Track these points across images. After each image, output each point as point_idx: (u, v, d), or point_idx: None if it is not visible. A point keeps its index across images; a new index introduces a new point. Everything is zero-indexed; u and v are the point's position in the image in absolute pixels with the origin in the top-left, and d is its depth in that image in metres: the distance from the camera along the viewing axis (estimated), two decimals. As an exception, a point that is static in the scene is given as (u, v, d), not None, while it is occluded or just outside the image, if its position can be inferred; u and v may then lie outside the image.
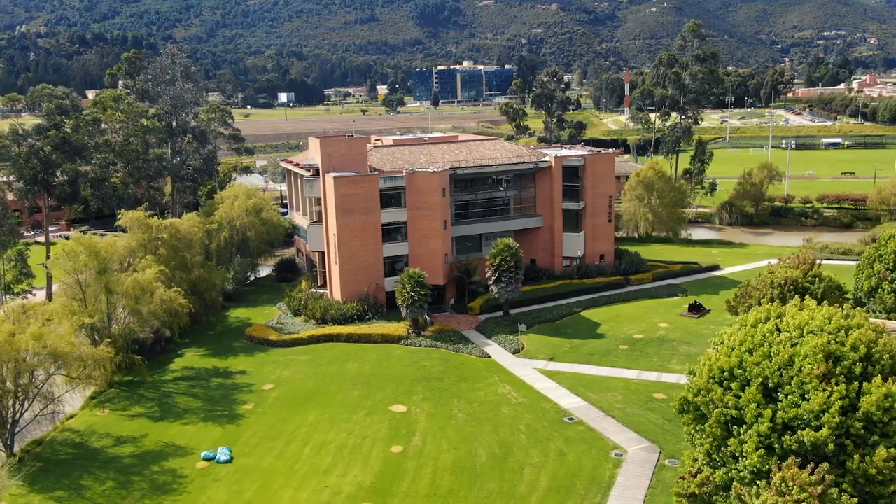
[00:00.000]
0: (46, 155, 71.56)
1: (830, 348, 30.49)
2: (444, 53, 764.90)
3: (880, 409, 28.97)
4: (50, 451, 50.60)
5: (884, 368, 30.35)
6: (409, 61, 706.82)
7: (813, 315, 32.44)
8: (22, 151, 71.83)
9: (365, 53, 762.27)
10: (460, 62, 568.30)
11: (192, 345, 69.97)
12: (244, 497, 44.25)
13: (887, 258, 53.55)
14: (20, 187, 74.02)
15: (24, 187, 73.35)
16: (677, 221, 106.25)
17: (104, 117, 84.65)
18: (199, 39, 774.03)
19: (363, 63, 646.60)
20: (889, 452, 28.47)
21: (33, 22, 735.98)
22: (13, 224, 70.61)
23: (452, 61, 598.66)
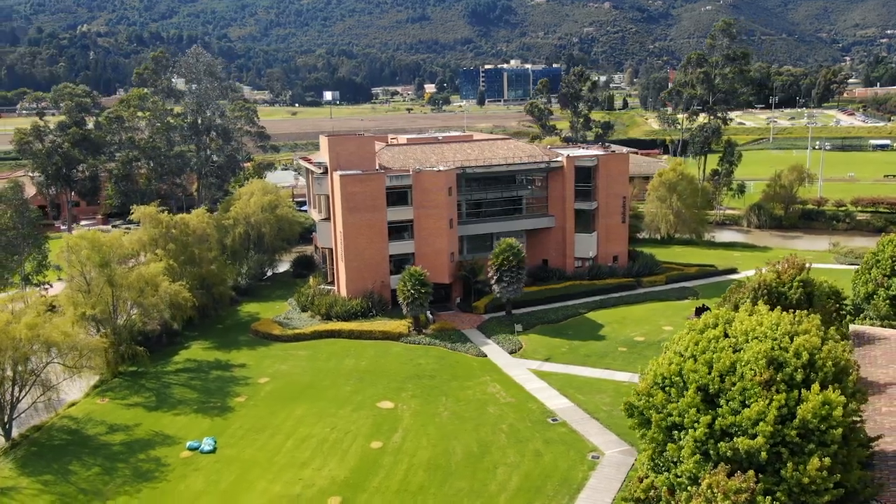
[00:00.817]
0: (66, 151, 74.03)
1: (773, 354, 29.96)
2: (494, 52, 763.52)
3: (816, 418, 28.38)
4: (46, 436, 52.49)
5: (826, 376, 29.69)
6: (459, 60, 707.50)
7: (761, 321, 31.92)
8: (44, 147, 74.39)
9: (415, 52, 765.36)
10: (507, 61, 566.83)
11: (199, 337, 71.63)
12: (220, 486, 45.30)
13: (884, 263, 52.03)
14: (41, 181, 76.77)
15: (45, 181, 76.00)
16: (700, 223, 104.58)
17: (127, 115, 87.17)
18: (254, 38, 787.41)
19: (412, 62, 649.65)
20: (823, 462, 27.88)
21: (95, 22, 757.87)
22: (33, 218, 73.24)
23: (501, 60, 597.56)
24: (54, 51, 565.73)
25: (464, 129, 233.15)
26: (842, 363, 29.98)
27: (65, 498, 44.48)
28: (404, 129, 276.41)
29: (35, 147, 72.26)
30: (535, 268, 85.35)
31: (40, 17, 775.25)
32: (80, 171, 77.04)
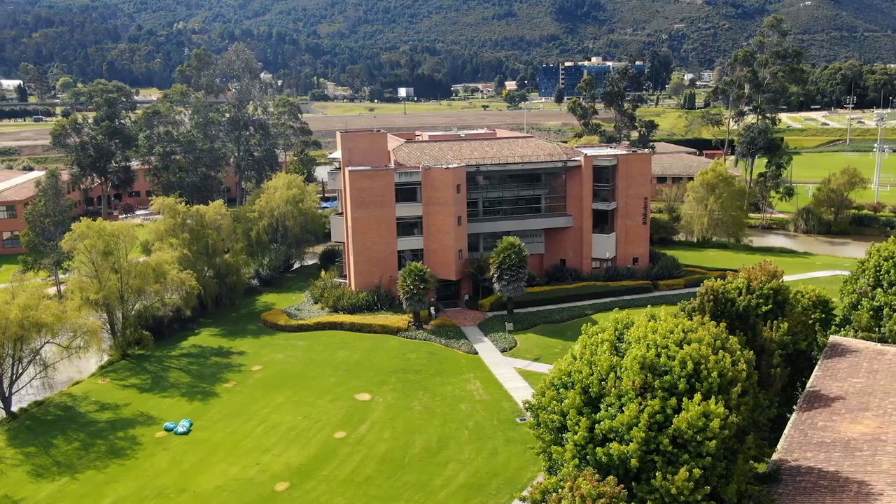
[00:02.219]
0: (99, 143, 78.21)
1: (654, 361, 29.45)
2: (580, 49, 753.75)
3: (692, 428, 27.76)
4: (43, 411, 55.91)
5: (711, 387, 28.95)
6: (544, 57, 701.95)
7: (655, 327, 31.36)
8: (80, 140, 78.81)
9: (500, 49, 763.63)
10: (589, 58, 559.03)
11: (212, 325, 74.46)
12: (182, 466, 47.38)
13: (869, 273, 49.57)
14: (75, 172, 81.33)
15: (79, 172, 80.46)
16: (738, 226, 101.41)
17: (164, 109, 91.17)
18: (342, 35, 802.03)
19: (494, 59, 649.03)
20: (693, 473, 27.28)
21: (193, 19, 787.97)
22: (67, 207, 77.59)
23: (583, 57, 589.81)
24: (152, 47, 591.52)
25: (523, 126, 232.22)
26: (728, 375, 29.17)
27: (39, 469, 47.46)
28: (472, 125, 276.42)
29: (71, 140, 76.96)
30: (551, 267, 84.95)
31: (142, 14, 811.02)
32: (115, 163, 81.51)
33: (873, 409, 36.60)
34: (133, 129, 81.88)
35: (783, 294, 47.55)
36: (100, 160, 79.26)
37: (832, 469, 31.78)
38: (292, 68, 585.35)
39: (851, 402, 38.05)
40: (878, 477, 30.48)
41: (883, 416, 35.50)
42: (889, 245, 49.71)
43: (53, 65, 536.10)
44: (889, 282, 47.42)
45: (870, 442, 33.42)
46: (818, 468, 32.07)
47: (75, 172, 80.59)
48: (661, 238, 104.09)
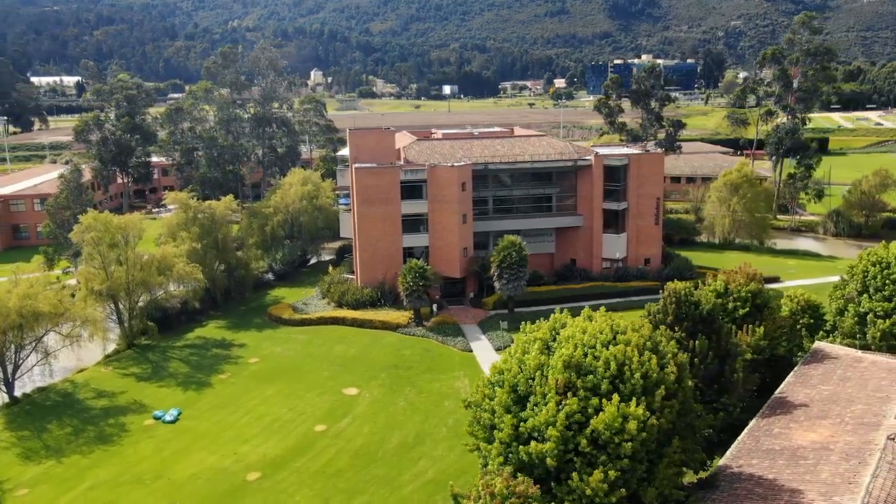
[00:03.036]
0: (118, 139, 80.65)
1: (578, 361, 29.38)
2: (633, 47, 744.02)
3: (609, 429, 27.63)
4: (43, 397, 58.00)
5: (634, 388, 28.74)
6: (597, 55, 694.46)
7: (585, 327, 31.26)
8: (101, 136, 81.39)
9: (552, 46, 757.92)
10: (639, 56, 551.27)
11: (220, 317, 76.15)
12: (163, 454, 48.73)
13: (857, 278, 48.21)
14: (96, 167, 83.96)
15: (100, 166, 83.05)
16: (761, 228, 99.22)
17: (187, 106, 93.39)
18: (394, 33, 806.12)
19: (544, 56, 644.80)
20: (607, 474, 27.15)
21: (248, 17, 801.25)
22: (88, 200, 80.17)
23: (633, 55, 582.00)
24: (207, 45, 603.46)
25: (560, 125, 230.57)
26: (653, 377, 28.91)
27: (28, 452, 49.36)
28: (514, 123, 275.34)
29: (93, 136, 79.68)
30: (561, 267, 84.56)
31: (200, 13, 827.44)
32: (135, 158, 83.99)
33: (832, 417, 35.83)
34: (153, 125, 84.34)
35: (762, 297, 46.79)
36: (120, 155, 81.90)
37: (771, 477, 31.28)
38: (343, 66, 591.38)
39: (813, 409, 37.30)
40: (813, 486, 29.89)
41: (839, 425, 34.74)
42: (879, 250, 48.42)
43: (112, 62, 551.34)
44: (875, 287, 46.21)
45: (817, 450, 32.76)
46: (758, 475, 31.61)
47: (96, 167, 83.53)
48: (683, 239, 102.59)
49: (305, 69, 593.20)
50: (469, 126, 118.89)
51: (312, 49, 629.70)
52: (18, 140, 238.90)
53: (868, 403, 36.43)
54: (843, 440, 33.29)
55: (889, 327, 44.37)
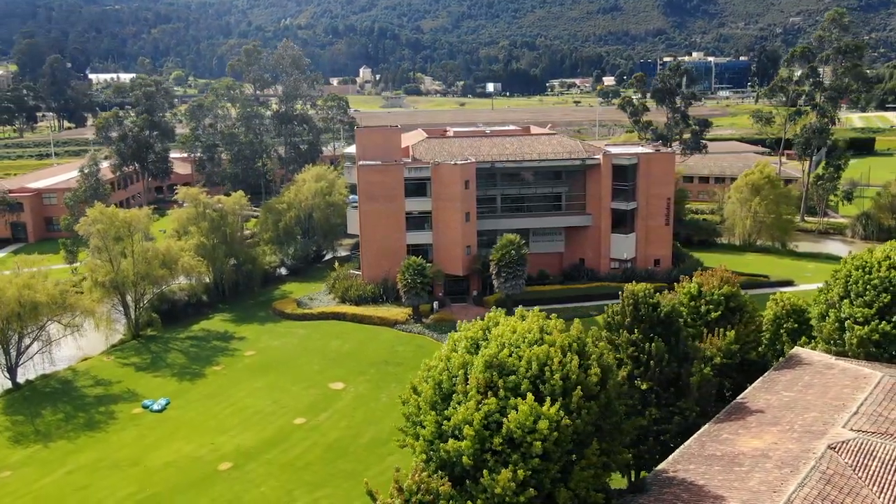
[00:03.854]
0: (136, 135, 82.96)
1: (501, 360, 29.43)
2: (687, 44, 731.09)
3: (521, 429, 27.63)
4: (44, 384, 60.09)
5: (553, 389, 28.64)
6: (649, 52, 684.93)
7: (516, 326, 31.27)
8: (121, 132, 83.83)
9: (603, 44, 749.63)
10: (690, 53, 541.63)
11: (227, 310, 77.70)
12: (144, 442, 50.16)
13: (840, 282, 46.85)
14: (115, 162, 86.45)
15: (119, 161, 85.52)
16: (783, 230, 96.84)
17: (208, 103, 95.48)
18: (445, 30, 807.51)
19: (594, 54, 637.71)
20: (516, 474, 27.17)
21: (301, 15, 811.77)
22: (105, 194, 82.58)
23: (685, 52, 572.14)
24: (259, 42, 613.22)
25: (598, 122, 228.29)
26: (573, 378, 28.77)
27: (19, 436, 51.33)
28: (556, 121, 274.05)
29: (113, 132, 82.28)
30: (569, 266, 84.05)
31: (255, 11, 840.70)
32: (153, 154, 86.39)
33: (783, 424, 35.13)
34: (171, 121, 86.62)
35: (737, 301, 46.09)
36: (139, 151, 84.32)
37: (702, 483, 30.89)
38: (392, 63, 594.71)
39: (767, 415, 36.62)
40: (738, 493, 29.43)
41: (787, 432, 34.06)
42: (864, 254, 47.10)
43: (168, 59, 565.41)
44: (857, 293, 44.90)
45: (756, 457, 32.19)
46: (690, 481, 31.25)
47: (116, 162, 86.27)
48: (702, 240, 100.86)
49: (355, 66, 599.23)
50: (510, 123, 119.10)
51: (362, 47, 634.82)
52: (70, 135, 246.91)
53: (822, 411, 35.56)
54: (784, 448, 32.59)
55: (868, 333, 43.05)
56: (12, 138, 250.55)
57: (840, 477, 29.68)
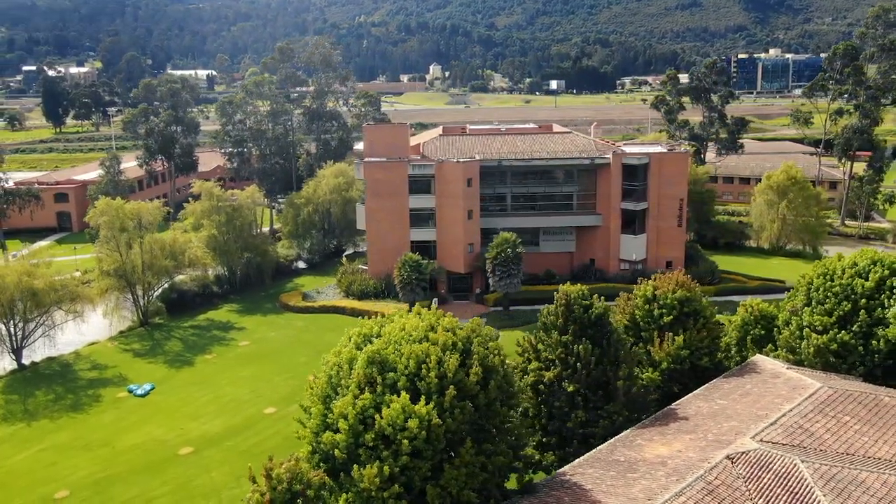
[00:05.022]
0: (161, 130, 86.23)
1: (383, 357, 29.85)
2: (769, 40, 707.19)
3: (392, 426, 27.98)
4: (47, 366, 63.24)
5: (429, 387, 28.86)
6: (729, 49, 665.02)
7: (404, 325, 31.60)
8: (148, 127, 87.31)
9: (681, 41, 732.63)
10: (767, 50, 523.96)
11: (236, 301, 80.00)
12: (120, 424, 52.37)
13: (803, 290, 45.12)
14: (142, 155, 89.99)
15: (145, 155, 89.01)
16: (814, 234, 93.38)
17: (238, 99, 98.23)
18: (519, 27, 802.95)
19: (669, 51, 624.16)
20: (382, 470, 27.55)
21: (377, 12, 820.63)
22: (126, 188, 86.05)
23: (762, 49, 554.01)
24: (333, 39, 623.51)
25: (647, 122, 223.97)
26: (449, 377, 28.92)
27: (8, 414, 54.31)
28: (615, 119, 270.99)
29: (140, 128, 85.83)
30: (579, 266, 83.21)
31: (332, 8, 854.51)
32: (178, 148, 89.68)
33: (700, 432, 34.51)
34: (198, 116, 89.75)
35: (692, 306, 45.15)
36: (165, 145, 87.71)
37: (589, 487, 30.70)
38: (463, 60, 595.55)
39: (690, 423, 36.01)
40: (615, 499, 29.20)
41: (697, 441, 33.48)
42: (833, 260, 45.47)
43: (245, 56, 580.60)
44: (818, 300, 43.42)
45: (654, 465, 31.75)
46: (580, 485, 31.08)
47: (143, 156, 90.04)
48: (728, 243, 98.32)
49: (426, 64, 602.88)
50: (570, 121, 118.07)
51: (434, 44, 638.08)
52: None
53: (743, 421, 34.63)
54: (685, 456, 31.95)
55: (826, 343, 41.64)
56: (88, 132, 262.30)
57: (725, 488, 28.95)
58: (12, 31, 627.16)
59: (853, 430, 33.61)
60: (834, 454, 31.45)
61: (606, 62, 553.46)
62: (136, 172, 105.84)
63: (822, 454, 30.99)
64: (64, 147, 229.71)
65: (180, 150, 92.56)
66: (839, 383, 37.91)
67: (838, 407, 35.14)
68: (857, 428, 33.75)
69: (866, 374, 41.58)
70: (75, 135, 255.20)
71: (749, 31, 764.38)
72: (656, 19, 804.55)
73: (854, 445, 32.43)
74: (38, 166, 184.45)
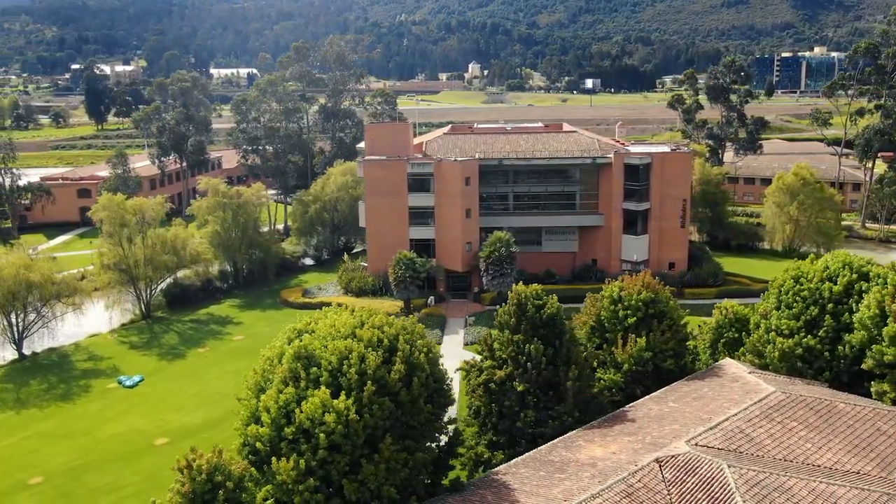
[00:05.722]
0: (172, 128, 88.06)
1: (309, 352, 30.32)
2: (818, 38, 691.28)
3: (310, 420, 28.40)
4: (45, 356, 65.09)
5: (350, 383, 29.20)
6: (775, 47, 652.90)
7: (335, 320, 32.00)
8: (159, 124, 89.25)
9: (726, 39, 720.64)
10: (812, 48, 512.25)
11: (238, 296, 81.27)
12: (104, 415, 53.73)
13: (774, 292, 44.27)
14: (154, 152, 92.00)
15: (158, 152, 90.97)
16: (827, 237, 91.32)
17: (252, 98, 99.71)
18: (561, 25, 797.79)
19: (712, 49, 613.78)
20: (298, 463, 27.98)
21: (419, 11, 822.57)
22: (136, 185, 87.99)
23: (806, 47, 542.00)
24: (373, 38, 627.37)
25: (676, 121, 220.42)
26: (369, 373, 29.23)
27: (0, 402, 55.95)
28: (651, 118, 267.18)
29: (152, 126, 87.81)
30: (582, 266, 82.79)
31: (375, 7, 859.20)
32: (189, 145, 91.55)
33: (641, 434, 34.39)
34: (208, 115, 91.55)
35: (658, 308, 44.75)
36: (177, 143, 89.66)
37: (515, 486, 30.84)
38: (503, 59, 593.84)
39: (636, 425, 35.87)
40: (535, 499, 29.16)
41: (636, 443, 33.41)
42: (805, 263, 44.63)
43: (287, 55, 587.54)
44: (787, 303, 42.68)
45: (585, 466, 31.72)
46: (507, 484, 31.24)
47: (155, 152, 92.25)
48: (741, 245, 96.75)
49: (465, 62, 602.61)
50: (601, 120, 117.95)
51: (473, 42, 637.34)
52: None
53: (686, 424, 34.31)
54: (616, 458, 31.81)
55: (791, 347, 40.94)
56: (128, 129, 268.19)
57: (646, 491, 28.74)
58: (63, 30, 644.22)
59: (798, 436, 33.08)
60: (770, 460, 31.02)
61: (647, 61, 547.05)
62: (151, 170, 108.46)
63: (756, 460, 30.56)
64: (103, 144, 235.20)
65: (192, 148, 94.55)
66: (796, 389, 37.24)
67: (787, 413, 34.56)
68: (802, 434, 33.20)
69: (833, 380, 40.82)
70: (115, 132, 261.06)
71: (797, 29, 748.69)
72: (701, 17, 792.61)
73: (795, 452, 31.94)
74: (74, 162, 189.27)
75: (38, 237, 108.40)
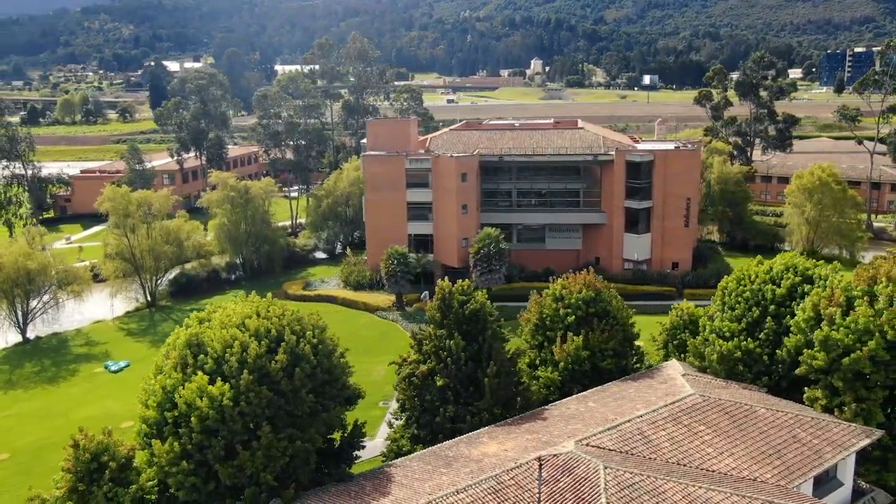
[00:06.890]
0: (188, 123, 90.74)
1: (200, 340, 31.32)
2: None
3: (187, 405, 29.35)
4: (47, 340, 68.11)
5: (231, 371, 29.97)
6: (854, 42, 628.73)
7: (233, 310, 32.82)
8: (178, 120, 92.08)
9: (801, 33, 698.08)
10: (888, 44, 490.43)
11: (244, 287, 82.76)
12: (85, 398, 56.03)
13: (719, 295, 43.06)
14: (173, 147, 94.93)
15: (178, 146, 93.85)
16: (848, 238, 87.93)
17: (272, 94, 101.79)
18: (629, 20, 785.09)
19: (783, 44, 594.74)
20: (173, 446, 28.92)
21: (485, 7, 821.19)
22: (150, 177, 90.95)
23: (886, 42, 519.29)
24: (437, 34, 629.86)
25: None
26: (249, 361, 29.93)
27: (-8, 382, 58.94)
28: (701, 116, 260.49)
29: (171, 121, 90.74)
30: (584, 265, 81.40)
31: (441, 4, 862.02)
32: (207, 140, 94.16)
33: (541, 433, 34.35)
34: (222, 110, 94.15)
35: (598, 307, 44.26)
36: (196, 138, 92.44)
37: (399, 479, 31.55)
38: (566, 55, 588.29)
39: (545, 423, 35.90)
40: (406, 492, 29.77)
41: (532, 441, 33.43)
42: (752, 264, 43.49)
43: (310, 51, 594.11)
44: (730, 305, 41.67)
45: (472, 461, 31.96)
46: (391, 476, 32.16)
47: (175, 147, 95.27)
48: (759, 245, 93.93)
49: (528, 58, 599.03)
50: (663, 115, 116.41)
51: (537, 38, 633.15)
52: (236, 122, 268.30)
53: (590, 424, 33.98)
54: (505, 456, 31.80)
55: (730, 350, 39.93)
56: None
57: (516, 489, 28.63)
58: (139, 28, 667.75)
59: (701, 440, 32.40)
60: (661, 463, 30.52)
61: (714, 56, 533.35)
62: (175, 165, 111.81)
63: (643, 462, 30.09)
64: (161, 138, 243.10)
65: (210, 143, 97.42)
66: (718, 392, 36.36)
67: (697, 416, 33.84)
68: (706, 439, 32.49)
69: (774, 385, 39.70)
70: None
71: (877, 23, 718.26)
72: (775, 11, 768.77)
73: (692, 456, 31.33)
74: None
75: (75, 227, 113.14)
